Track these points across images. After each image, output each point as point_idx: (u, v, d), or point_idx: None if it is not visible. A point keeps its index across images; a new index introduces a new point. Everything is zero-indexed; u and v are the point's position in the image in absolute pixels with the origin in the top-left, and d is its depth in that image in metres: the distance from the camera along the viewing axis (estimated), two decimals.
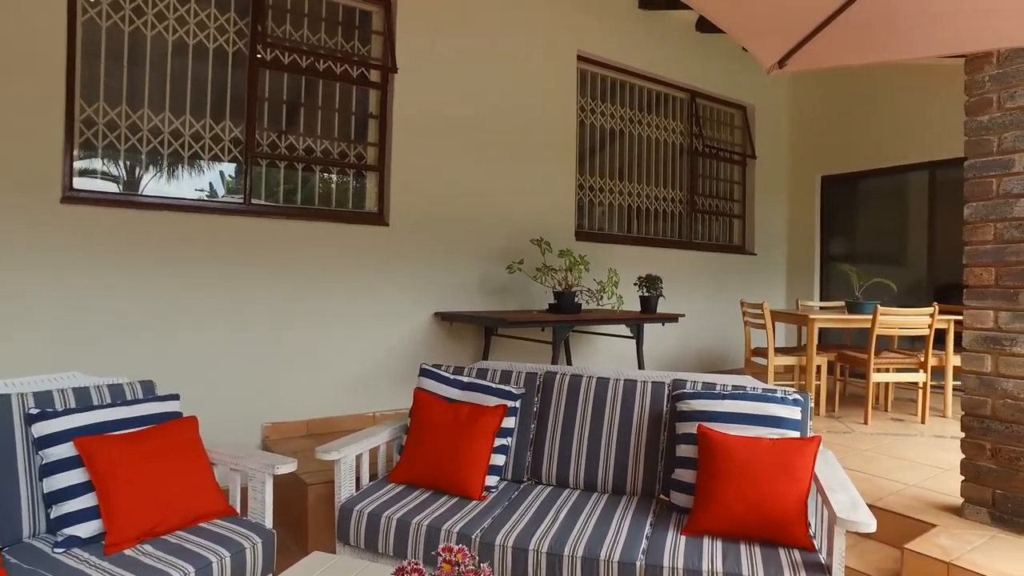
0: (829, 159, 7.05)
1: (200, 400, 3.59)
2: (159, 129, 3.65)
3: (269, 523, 2.34)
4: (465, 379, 2.97)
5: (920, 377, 4.64)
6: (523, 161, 4.97)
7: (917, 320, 4.55)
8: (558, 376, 2.98)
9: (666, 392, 2.81)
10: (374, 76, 4.38)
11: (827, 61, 2.01)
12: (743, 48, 6.70)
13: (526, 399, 2.95)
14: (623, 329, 4.79)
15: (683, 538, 2.25)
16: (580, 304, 4.46)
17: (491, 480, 2.69)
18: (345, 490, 2.57)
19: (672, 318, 4.72)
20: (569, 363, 4.95)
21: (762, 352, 5.15)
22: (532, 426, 2.92)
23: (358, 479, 2.73)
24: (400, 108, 4.36)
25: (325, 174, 4.28)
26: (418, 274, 4.42)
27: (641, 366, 4.58)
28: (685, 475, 2.50)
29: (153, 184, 3.69)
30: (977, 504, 2.72)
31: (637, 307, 4.89)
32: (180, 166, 3.75)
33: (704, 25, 6.22)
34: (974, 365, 2.74)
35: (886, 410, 5.02)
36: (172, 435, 2.25)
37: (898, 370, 4.75)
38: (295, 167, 4.14)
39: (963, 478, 2.78)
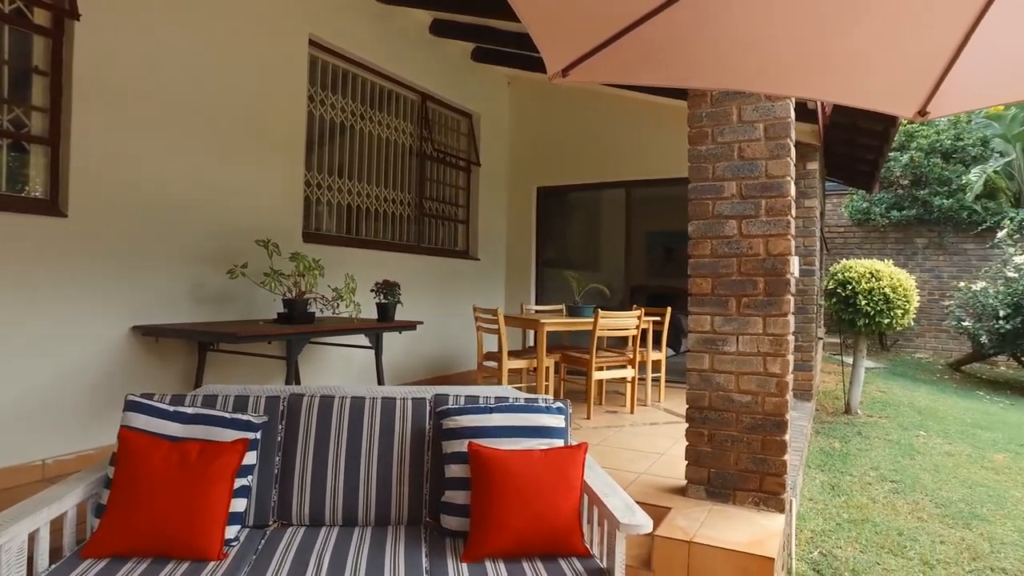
0: (544, 171, 7.64)
1: None
2: None
3: None
4: (190, 410, 2.41)
5: (629, 373, 5.22)
6: (245, 150, 4.34)
7: (628, 322, 5.11)
8: (306, 399, 2.59)
9: (428, 409, 2.63)
10: (40, 18, 3.37)
11: (607, 76, 2.03)
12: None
13: (268, 428, 2.50)
14: (359, 339, 4.47)
15: (464, 565, 2.10)
16: (313, 313, 4.04)
17: (230, 531, 2.21)
18: None
19: (411, 326, 4.56)
20: (297, 380, 4.46)
21: (493, 356, 5.30)
22: (277, 459, 2.49)
23: (31, 562, 2.00)
24: (84, 68, 3.41)
25: None
26: (110, 279, 3.52)
27: (381, 378, 4.34)
28: (457, 496, 2.35)
29: None
30: (697, 483, 3.09)
31: (374, 315, 4.62)
32: None
33: (438, 28, 6.21)
34: (696, 364, 3.10)
35: (600, 404, 5.56)
36: None
37: (611, 367, 5.29)
38: None
39: (687, 462, 3.13)
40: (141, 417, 2.33)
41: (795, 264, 3.08)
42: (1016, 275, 8.17)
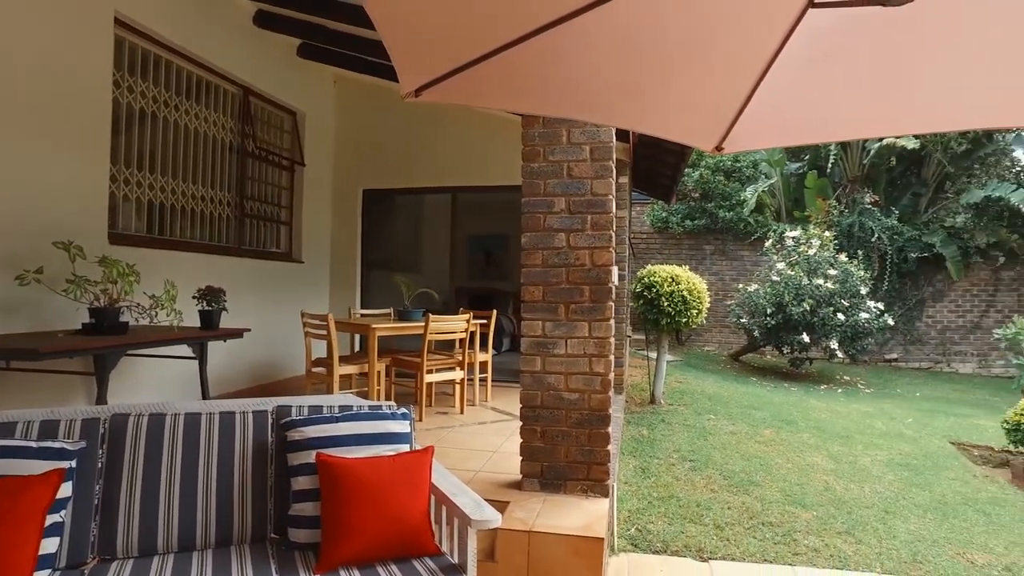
0: (370, 174, 7.56)
1: None
2: None
3: None
4: None
5: (458, 374, 5.39)
6: (36, 139, 3.82)
7: (457, 325, 5.28)
8: (132, 418, 2.40)
9: (270, 421, 2.57)
10: None
11: (457, 99, 2.16)
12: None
13: (86, 455, 2.28)
14: (181, 350, 4.15)
15: None
16: (127, 323, 3.69)
17: None
18: None
19: (237, 333, 4.34)
20: (103, 399, 4.03)
21: (322, 362, 5.20)
22: (97, 488, 2.28)
23: None
24: None
25: None
26: None
27: (206, 391, 4.07)
28: (305, 508, 2.34)
29: None
30: (531, 477, 3.33)
31: (196, 323, 4.31)
32: None
33: (262, 20, 5.91)
34: (528, 366, 3.33)
35: (431, 406, 5.67)
36: None
37: (440, 370, 5.42)
38: None
39: (521, 458, 3.35)
40: None
41: (616, 273, 3.44)
42: (778, 279, 9.66)
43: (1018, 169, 12.01)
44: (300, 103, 6.89)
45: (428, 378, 5.18)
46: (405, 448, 2.55)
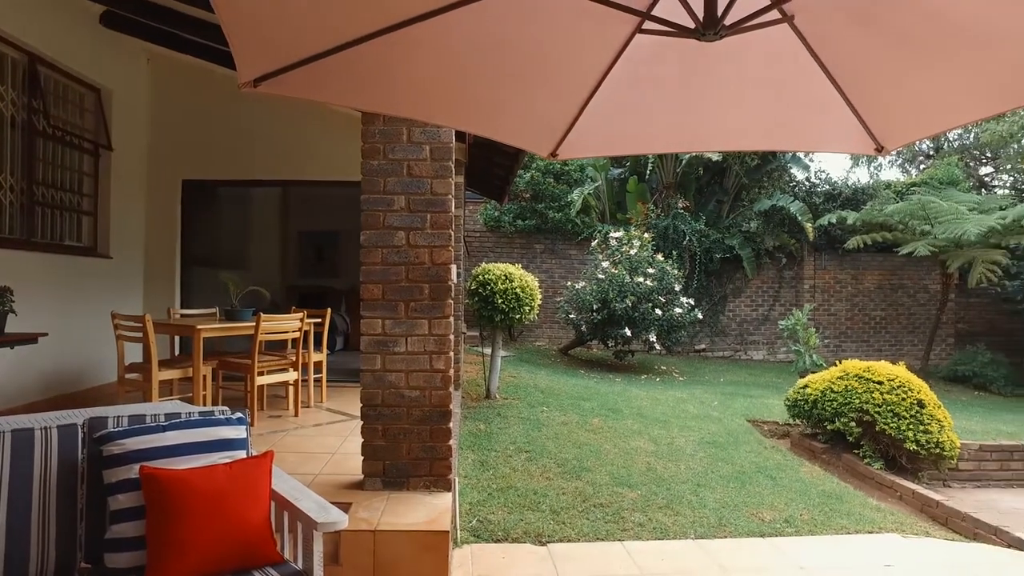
0: (192, 163, 6.97)
1: None
2: None
3: None
4: None
5: (292, 376, 5.18)
6: None
7: (291, 325, 5.06)
8: None
9: (81, 436, 2.31)
10: None
11: (301, 92, 2.10)
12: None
13: None
14: None
15: None
16: None
17: None
18: None
19: (29, 338, 3.82)
20: None
21: (138, 367, 4.74)
22: None
23: None
24: None
25: None
26: None
27: None
28: (127, 529, 2.15)
29: None
30: (373, 476, 3.31)
31: None
32: None
33: None
34: (369, 364, 3.30)
35: (263, 409, 5.38)
36: None
37: (272, 371, 5.16)
38: None
39: (363, 458, 3.32)
40: None
41: (455, 272, 3.52)
42: (603, 277, 10.38)
43: (794, 184, 14.03)
44: (106, 79, 6.17)
45: (260, 380, 4.92)
46: (242, 454, 2.43)
